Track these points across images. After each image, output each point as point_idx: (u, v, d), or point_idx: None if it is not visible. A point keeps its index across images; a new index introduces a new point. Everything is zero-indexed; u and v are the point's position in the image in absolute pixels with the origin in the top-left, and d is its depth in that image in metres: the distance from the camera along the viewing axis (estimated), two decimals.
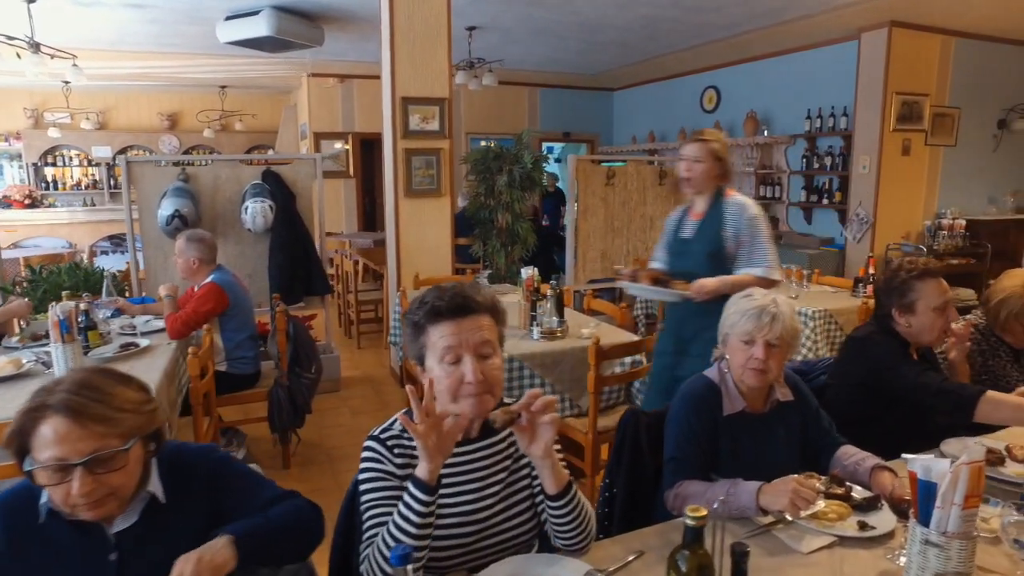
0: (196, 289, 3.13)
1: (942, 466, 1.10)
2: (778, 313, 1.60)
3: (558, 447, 1.32)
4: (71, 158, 9.54)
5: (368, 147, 9.11)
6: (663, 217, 5.55)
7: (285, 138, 9.98)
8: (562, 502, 1.26)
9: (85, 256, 6.99)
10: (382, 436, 1.33)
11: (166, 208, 3.90)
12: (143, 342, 2.82)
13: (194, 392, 2.53)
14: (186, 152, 9.95)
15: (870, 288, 3.96)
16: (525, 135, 4.64)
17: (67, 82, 8.35)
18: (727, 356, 1.65)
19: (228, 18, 5.44)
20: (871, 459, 1.59)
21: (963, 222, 6.32)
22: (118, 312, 3.33)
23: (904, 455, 1.27)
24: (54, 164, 9.37)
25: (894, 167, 6.29)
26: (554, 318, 2.86)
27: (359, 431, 3.91)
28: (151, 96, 9.79)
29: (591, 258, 5.21)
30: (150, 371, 2.49)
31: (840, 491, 1.46)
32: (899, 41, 6.04)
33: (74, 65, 5.24)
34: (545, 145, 10.58)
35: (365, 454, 1.32)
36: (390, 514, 1.21)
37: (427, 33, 4.30)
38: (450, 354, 1.25)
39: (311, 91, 8.46)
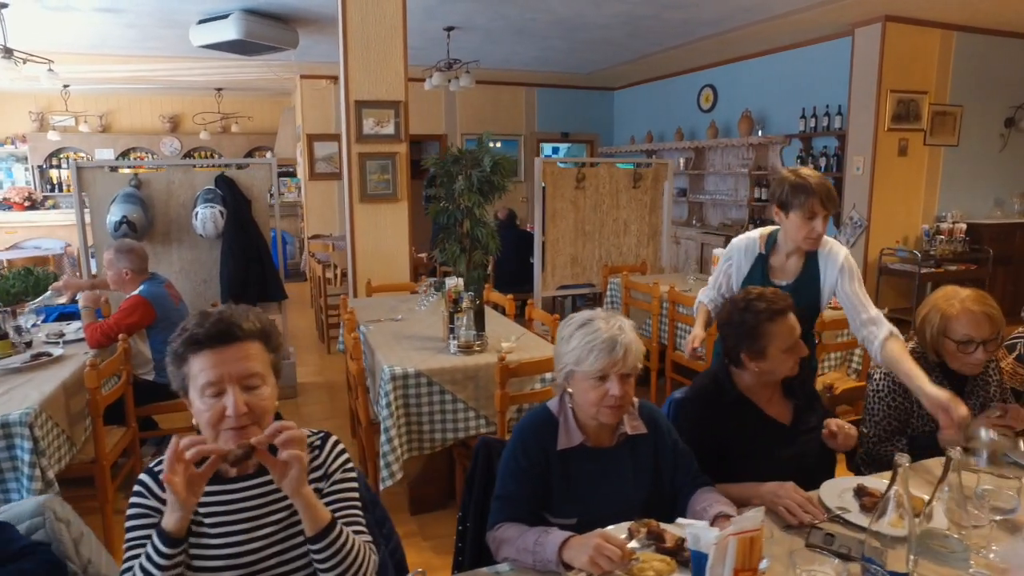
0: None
1: (710, 536, 0.97)
2: (629, 342, 1.47)
3: None
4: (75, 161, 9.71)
5: None
6: (639, 221, 5.41)
7: (284, 140, 10.04)
8: (320, 545, 1.16)
9: (77, 257, 7.09)
10: (156, 468, 1.24)
11: (114, 214, 3.89)
12: (57, 351, 2.80)
13: (93, 405, 2.48)
14: (187, 155, 10.07)
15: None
16: (485, 137, 4.52)
17: (66, 86, 8.54)
18: (570, 391, 1.51)
19: (200, 22, 5.43)
20: (719, 505, 1.43)
21: (963, 226, 6.01)
22: (53, 315, 3.32)
23: (679, 519, 1.13)
24: (59, 167, 9.56)
25: (889, 168, 6.02)
26: (471, 331, 2.75)
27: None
28: (152, 99, 9.93)
29: (560, 263, 5.07)
30: (46, 383, 2.46)
31: (669, 544, 1.32)
32: (894, 36, 5.77)
33: (49, 70, 5.28)
34: (551, 146, 10.45)
35: (135, 488, 1.24)
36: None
37: (381, 35, 4.22)
38: (211, 388, 1.17)
39: (304, 93, 8.46)
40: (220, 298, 4.22)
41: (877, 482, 1.63)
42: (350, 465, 1.33)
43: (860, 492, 1.58)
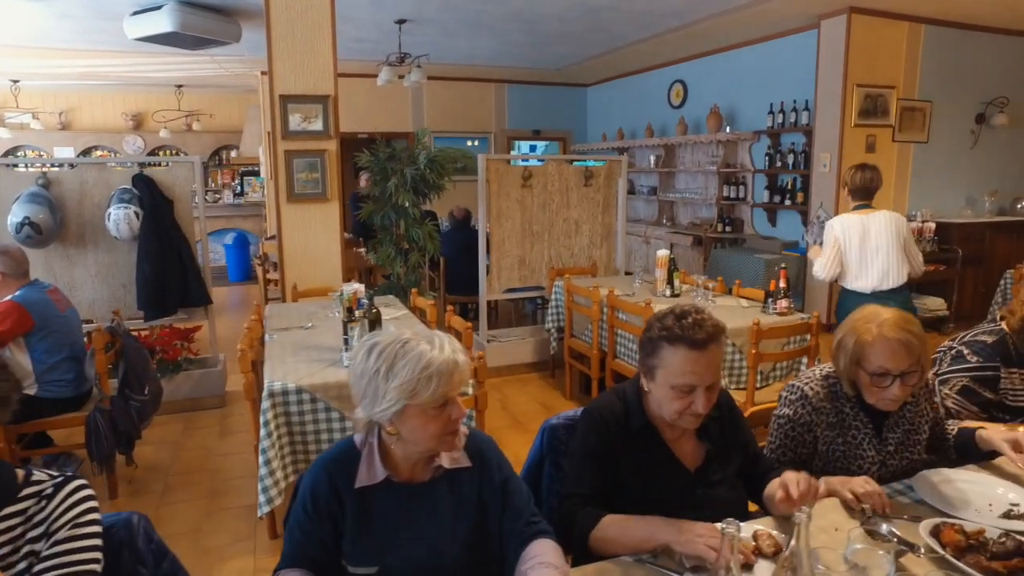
0: None
1: None
2: (464, 359, 1.28)
3: None
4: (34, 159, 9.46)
5: None
6: (591, 221, 5.19)
7: (249, 138, 9.80)
8: None
9: None
10: None
11: (16, 214, 3.66)
12: None
13: None
14: (151, 153, 9.82)
15: (781, 303, 3.55)
16: (421, 134, 4.31)
17: (16, 81, 8.29)
18: (390, 429, 1.28)
19: (134, 13, 5.20)
20: (541, 568, 1.21)
21: (932, 225, 5.81)
22: None
23: None
24: (15, 166, 9.28)
25: None
26: None
27: (217, 454, 3.64)
28: (115, 96, 9.68)
29: (506, 265, 4.85)
30: None
31: None
32: (859, 29, 5.56)
33: None
34: (528, 144, 10.23)
35: None
36: None
37: (308, 24, 3.99)
38: None
39: (265, 90, 8.21)
40: (137, 304, 4.00)
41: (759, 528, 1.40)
42: (88, 518, 1.10)
43: None
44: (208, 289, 4.22)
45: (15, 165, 4.07)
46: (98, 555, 1.09)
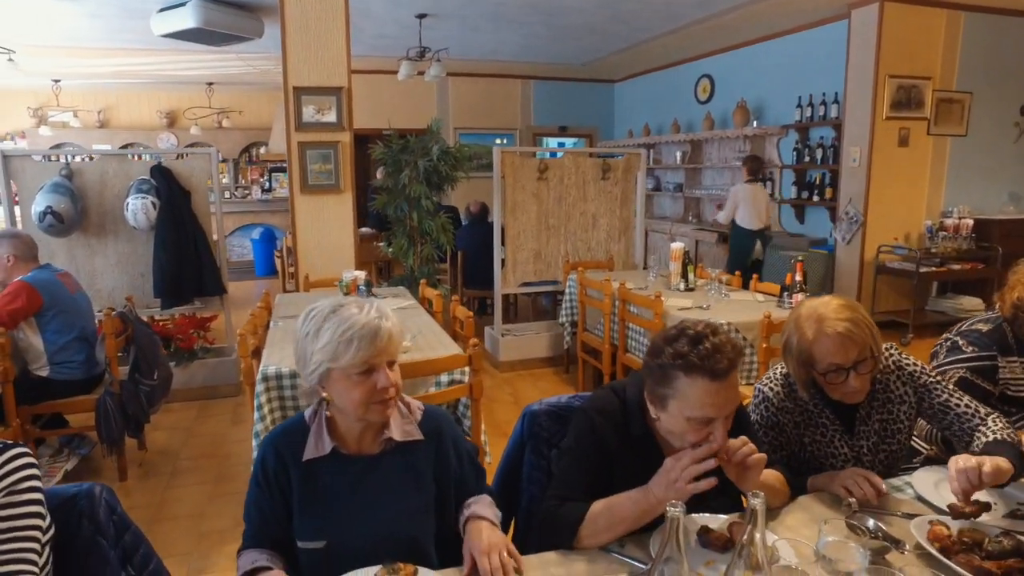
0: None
1: None
2: (391, 326, 1.26)
3: None
4: (72, 157, 9.78)
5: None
6: (609, 215, 5.10)
7: (279, 134, 9.95)
8: None
9: None
10: None
11: (39, 204, 3.76)
12: None
13: None
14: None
15: (797, 298, 3.42)
16: (434, 125, 4.29)
17: (57, 80, 8.59)
18: (325, 396, 1.28)
19: (160, 11, 5.31)
20: (475, 505, 1.30)
21: (970, 222, 5.55)
22: None
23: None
24: (56, 160, 9.61)
25: (888, 159, 5.59)
26: None
27: (228, 441, 3.68)
28: (151, 94, 9.94)
29: (522, 259, 4.80)
30: None
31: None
32: (892, 17, 5.35)
33: (9, 60, 5.22)
34: (556, 140, 10.18)
35: None
36: None
37: (321, 17, 4.01)
38: None
39: None
40: (153, 292, 4.07)
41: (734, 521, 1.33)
42: (25, 485, 1.08)
43: (704, 536, 1.29)
44: (224, 279, 4.27)
45: (46, 156, 4.26)
46: (37, 522, 1.07)
